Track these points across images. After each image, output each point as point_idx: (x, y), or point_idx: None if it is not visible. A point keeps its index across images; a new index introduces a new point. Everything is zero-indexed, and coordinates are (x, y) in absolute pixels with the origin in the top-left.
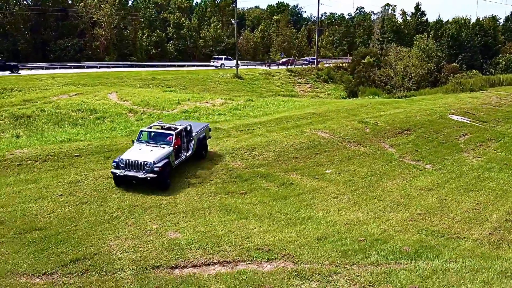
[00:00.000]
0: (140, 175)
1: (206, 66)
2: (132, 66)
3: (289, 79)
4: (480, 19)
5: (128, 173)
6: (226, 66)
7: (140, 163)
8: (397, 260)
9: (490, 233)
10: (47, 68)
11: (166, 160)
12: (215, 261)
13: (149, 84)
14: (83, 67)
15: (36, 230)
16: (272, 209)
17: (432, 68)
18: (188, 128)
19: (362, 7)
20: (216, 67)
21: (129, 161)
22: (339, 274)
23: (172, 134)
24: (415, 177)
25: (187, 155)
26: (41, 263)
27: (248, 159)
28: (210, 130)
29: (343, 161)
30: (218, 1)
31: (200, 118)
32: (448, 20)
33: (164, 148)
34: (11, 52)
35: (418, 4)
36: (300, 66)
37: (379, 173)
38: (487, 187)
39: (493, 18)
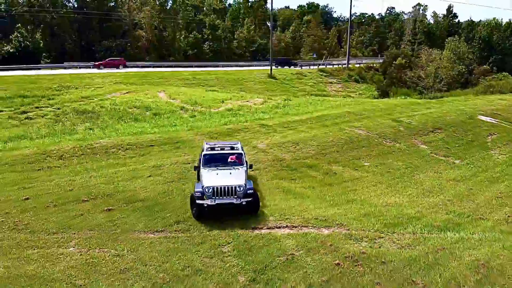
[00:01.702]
0: (235, 201)
1: (240, 66)
2: (171, 66)
3: (321, 79)
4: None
5: (221, 201)
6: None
7: (231, 188)
8: (430, 231)
9: (509, 216)
10: (93, 67)
11: (251, 181)
12: (284, 226)
13: (191, 84)
14: (127, 67)
15: (140, 201)
16: (321, 192)
17: (463, 70)
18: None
19: (393, 7)
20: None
21: (217, 188)
22: (383, 238)
23: (242, 154)
24: (445, 170)
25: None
26: (151, 224)
27: (294, 152)
28: None
29: (380, 156)
30: (251, 2)
31: (246, 115)
32: (480, 21)
33: (239, 169)
34: (58, 51)
35: (450, 6)
36: (331, 66)
37: (412, 166)
38: (510, 180)
39: None
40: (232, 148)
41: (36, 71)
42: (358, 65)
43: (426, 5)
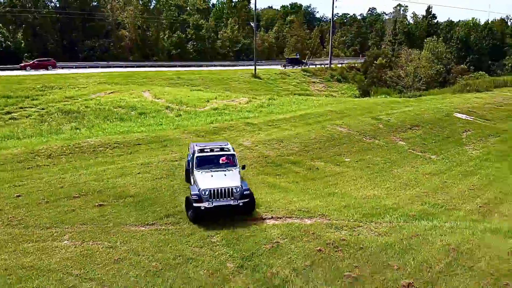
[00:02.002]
0: (232, 202)
1: (224, 66)
2: (155, 66)
3: (304, 79)
4: (490, 21)
5: (218, 203)
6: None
7: (228, 189)
8: (405, 221)
9: (480, 206)
10: (76, 67)
11: (246, 182)
12: (269, 217)
13: (175, 84)
14: (110, 67)
15: (130, 197)
16: (304, 186)
17: (441, 69)
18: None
19: (374, 8)
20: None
21: (214, 190)
22: (361, 227)
23: (234, 155)
24: (421, 165)
25: None
26: (142, 218)
27: (279, 149)
28: None
29: (360, 152)
30: (234, 2)
31: (231, 114)
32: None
33: (233, 170)
34: (41, 52)
35: (429, 7)
36: (314, 66)
37: (390, 161)
38: (482, 173)
39: (502, 21)
40: (223, 150)
41: (18, 71)
42: (340, 65)
43: (407, 6)
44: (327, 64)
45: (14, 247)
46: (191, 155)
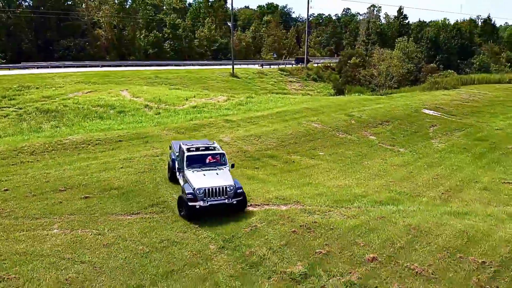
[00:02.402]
0: (227, 201)
1: (202, 65)
2: (132, 65)
3: (281, 78)
4: (458, 22)
5: (213, 202)
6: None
7: (222, 188)
8: (372, 206)
9: (442, 193)
10: (51, 67)
11: (238, 180)
12: (248, 205)
13: (153, 82)
14: (86, 66)
15: (114, 189)
16: (281, 178)
17: (412, 68)
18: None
19: (349, 9)
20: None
21: (208, 189)
22: (332, 212)
23: (224, 154)
24: (390, 157)
25: None
26: (127, 208)
27: (257, 144)
28: None
29: (333, 146)
30: (211, 1)
31: (210, 112)
32: (431, 21)
33: (223, 169)
34: (15, 51)
35: (400, 8)
36: (290, 66)
37: (361, 154)
38: (446, 164)
39: (471, 21)
40: (212, 149)
41: None
42: (316, 65)
43: (380, 7)
44: (304, 63)
45: (6, 235)
46: (177, 154)
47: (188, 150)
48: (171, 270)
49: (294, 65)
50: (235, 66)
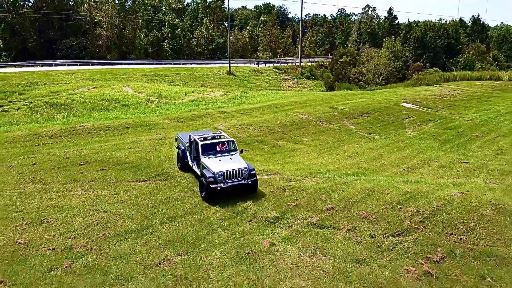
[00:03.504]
0: (243, 181)
1: (200, 64)
2: (132, 64)
3: (276, 76)
4: (446, 22)
5: (232, 183)
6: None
7: (238, 171)
8: (340, 176)
9: (403, 169)
10: (56, 65)
11: (250, 164)
12: None
13: (153, 79)
14: (88, 64)
15: (125, 164)
16: (267, 158)
17: (399, 66)
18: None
19: (344, 9)
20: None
21: (227, 172)
22: (305, 180)
23: (233, 140)
24: (365, 142)
25: None
26: (137, 177)
27: (248, 132)
28: None
29: (316, 134)
30: (209, 2)
31: (207, 105)
32: (419, 21)
33: (234, 154)
34: (20, 50)
35: (390, 9)
36: (285, 64)
37: (340, 140)
38: (414, 148)
39: (461, 21)
40: (221, 137)
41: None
42: (310, 63)
43: (375, 7)
44: (298, 62)
45: (40, 195)
46: (187, 145)
47: (201, 139)
48: (175, 216)
49: (273, 65)
50: (232, 65)
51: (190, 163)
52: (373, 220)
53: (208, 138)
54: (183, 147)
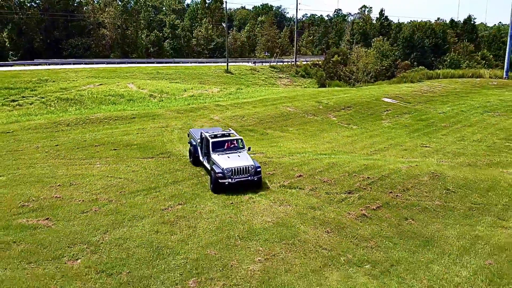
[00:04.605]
0: (250, 178)
1: (199, 63)
2: (134, 63)
3: (272, 74)
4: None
5: (239, 179)
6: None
7: (245, 168)
8: (313, 155)
9: (371, 151)
10: (62, 63)
11: (256, 161)
12: None
13: (155, 77)
14: (93, 63)
15: (134, 145)
16: (256, 143)
17: (387, 65)
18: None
19: (340, 9)
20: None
21: (235, 169)
22: (284, 157)
23: (242, 139)
24: (343, 131)
25: None
26: (145, 154)
27: (241, 122)
28: None
29: (301, 124)
30: (208, 3)
31: (205, 99)
32: (410, 21)
33: (242, 152)
34: (26, 49)
35: (382, 10)
36: (281, 63)
37: (322, 129)
38: (385, 136)
39: (452, 22)
40: (231, 135)
41: (8, 67)
42: (305, 62)
43: (371, 7)
44: (294, 61)
45: (66, 167)
46: (198, 141)
47: (211, 137)
48: (176, 181)
49: (270, 64)
50: (230, 64)
51: (201, 158)
52: (331, 183)
53: (218, 135)
54: (194, 143)
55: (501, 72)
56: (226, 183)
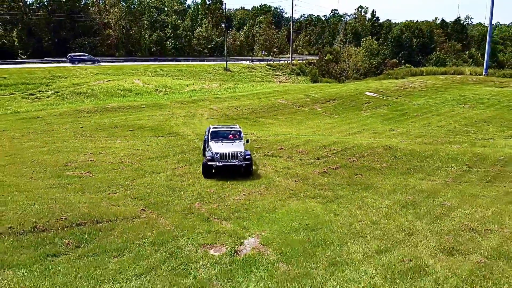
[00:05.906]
0: (237, 163)
1: (200, 61)
2: (139, 61)
3: (268, 72)
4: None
5: (226, 163)
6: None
7: (234, 153)
8: (297, 136)
9: (344, 135)
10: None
11: (248, 150)
12: None
13: (158, 74)
14: (100, 61)
15: (146, 127)
16: (249, 128)
17: (376, 63)
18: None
19: (336, 10)
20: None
21: (224, 153)
22: (270, 137)
23: (241, 130)
24: (325, 119)
25: None
26: (155, 134)
27: (236, 111)
28: None
29: (290, 114)
30: (208, 4)
31: (205, 93)
32: (401, 22)
33: (238, 142)
34: (35, 49)
35: (373, 11)
36: (278, 62)
37: (308, 118)
38: (361, 123)
39: (442, 22)
40: (232, 127)
41: (20, 65)
42: (301, 61)
43: (367, 7)
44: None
45: (93, 142)
46: (207, 133)
47: (213, 127)
48: (183, 151)
49: (267, 62)
50: (229, 62)
51: (206, 148)
52: (304, 153)
53: (219, 126)
54: (205, 137)
55: (481, 70)
56: (214, 165)
